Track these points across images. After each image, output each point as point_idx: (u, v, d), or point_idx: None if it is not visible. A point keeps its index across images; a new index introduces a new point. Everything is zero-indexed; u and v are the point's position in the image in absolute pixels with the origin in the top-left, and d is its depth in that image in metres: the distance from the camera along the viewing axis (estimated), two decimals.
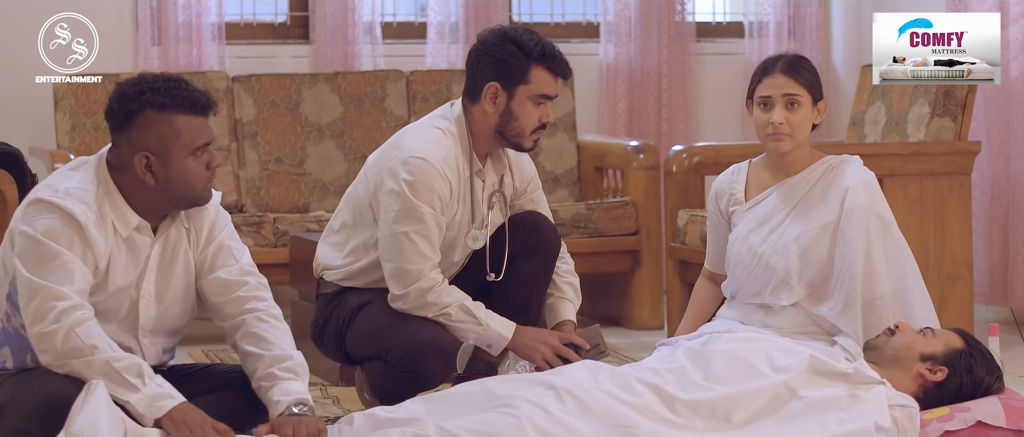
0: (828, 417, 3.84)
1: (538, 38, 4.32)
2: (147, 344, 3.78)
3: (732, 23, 7.60)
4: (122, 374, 3.56)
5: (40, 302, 3.57)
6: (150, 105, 3.67)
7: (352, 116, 6.76)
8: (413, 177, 4.23)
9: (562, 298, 4.51)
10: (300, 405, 3.68)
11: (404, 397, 4.04)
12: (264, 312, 3.82)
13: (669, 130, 7.32)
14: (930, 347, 4.08)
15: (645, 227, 6.48)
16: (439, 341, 4.26)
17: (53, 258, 3.59)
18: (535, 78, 4.29)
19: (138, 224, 3.72)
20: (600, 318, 6.67)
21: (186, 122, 3.68)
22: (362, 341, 4.36)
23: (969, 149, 5.83)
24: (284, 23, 7.13)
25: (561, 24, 7.42)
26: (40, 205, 3.64)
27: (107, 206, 3.69)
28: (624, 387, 3.89)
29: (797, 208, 4.36)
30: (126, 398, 3.54)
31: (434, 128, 4.34)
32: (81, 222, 3.62)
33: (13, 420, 3.61)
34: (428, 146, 4.27)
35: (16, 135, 6.13)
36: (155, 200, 3.73)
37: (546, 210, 4.57)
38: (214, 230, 3.85)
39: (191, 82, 3.75)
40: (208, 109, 3.71)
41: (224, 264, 3.84)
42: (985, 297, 6.42)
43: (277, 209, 6.59)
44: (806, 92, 4.34)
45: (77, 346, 3.56)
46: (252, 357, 3.77)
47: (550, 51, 4.30)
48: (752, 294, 4.39)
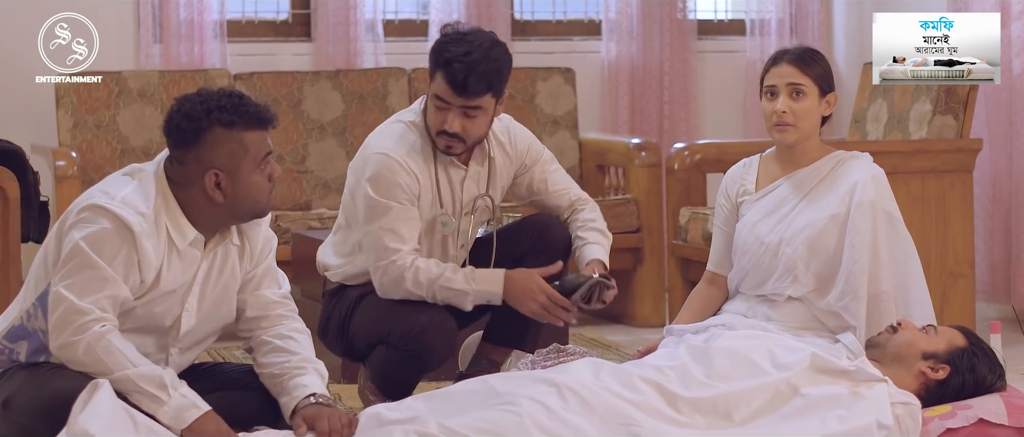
0: (830, 415, 3.84)
1: (456, 44, 4.28)
2: (175, 354, 3.79)
3: (734, 21, 7.60)
4: (145, 388, 3.57)
5: (62, 314, 3.57)
6: (219, 123, 3.65)
7: (354, 114, 6.76)
8: (374, 174, 4.31)
9: (586, 243, 4.50)
10: (322, 396, 3.71)
11: (407, 383, 4.06)
12: (297, 327, 3.87)
13: (671, 128, 7.32)
14: (932, 345, 4.08)
15: (647, 225, 6.48)
16: (439, 321, 4.30)
17: (89, 269, 3.57)
18: (436, 79, 4.33)
19: (194, 238, 3.72)
20: (602, 315, 6.68)
21: (253, 137, 3.68)
22: (364, 328, 4.38)
23: (971, 147, 5.83)
24: (286, 21, 7.13)
25: (563, 21, 7.42)
26: (95, 210, 3.62)
27: (164, 217, 3.68)
28: (626, 385, 3.89)
29: (806, 199, 4.37)
30: (152, 411, 3.56)
31: (398, 122, 4.43)
32: (135, 232, 3.61)
33: (18, 415, 3.61)
34: (389, 142, 4.35)
35: (18, 133, 6.14)
36: (220, 216, 3.73)
37: (560, 183, 4.57)
38: (266, 248, 3.88)
39: (249, 96, 3.74)
40: (271, 122, 3.71)
41: (269, 285, 3.87)
42: (987, 295, 6.42)
43: (279, 207, 6.59)
44: (812, 83, 4.35)
45: (98, 363, 3.56)
46: (278, 351, 3.79)
47: (449, 58, 4.27)
48: (757, 284, 4.39)
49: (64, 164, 5.97)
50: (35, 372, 3.65)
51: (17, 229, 5.32)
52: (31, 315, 3.69)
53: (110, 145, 6.51)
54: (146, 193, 3.68)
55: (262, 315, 3.85)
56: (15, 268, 5.25)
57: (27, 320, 3.69)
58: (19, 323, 3.71)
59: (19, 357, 3.70)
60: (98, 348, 3.56)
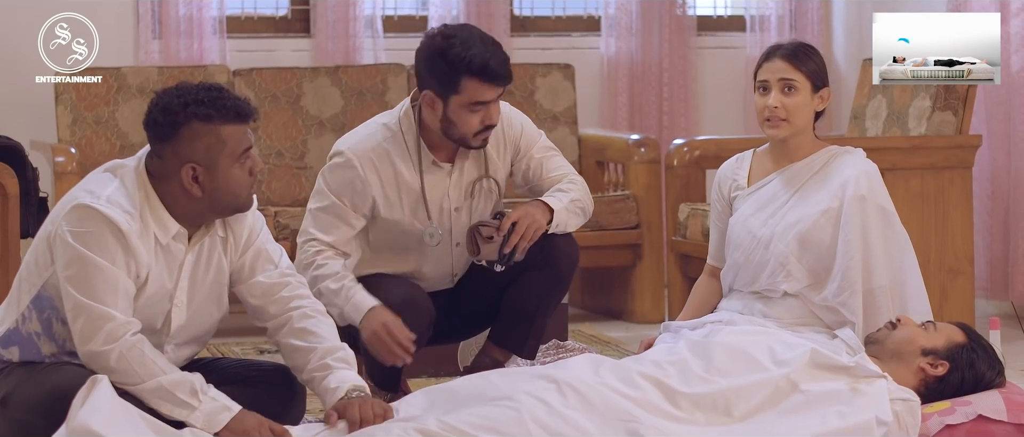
0: (829, 411, 3.84)
1: (468, 47, 4.24)
2: (170, 350, 3.78)
3: (733, 17, 7.60)
4: (177, 395, 3.58)
5: (87, 321, 3.57)
6: (196, 117, 3.64)
7: (353, 110, 6.76)
8: (329, 168, 4.37)
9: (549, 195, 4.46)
10: (357, 391, 3.71)
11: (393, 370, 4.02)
12: (309, 308, 3.84)
13: (670, 124, 7.32)
14: (931, 341, 4.08)
15: (646, 221, 6.48)
16: (411, 298, 4.32)
17: (98, 272, 3.57)
18: (467, 88, 4.26)
19: (177, 232, 3.72)
20: (601, 311, 6.69)
21: (231, 131, 3.68)
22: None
23: (970, 143, 5.83)
24: (285, 16, 7.12)
25: (562, 17, 7.42)
26: (83, 211, 3.61)
27: (148, 214, 3.68)
28: (625, 381, 3.89)
29: (798, 194, 4.37)
30: (185, 418, 3.57)
31: (373, 122, 4.44)
32: (124, 231, 3.60)
33: (17, 411, 3.61)
34: (352, 139, 4.40)
35: (17, 129, 6.14)
36: (200, 210, 3.72)
37: (556, 170, 4.52)
38: (251, 236, 3.86)
39: (229, 89, 3.74)
40: (250, 116, 3.71)
41: (263, 268, 3.85)
42: (986, 291, 6.42)
43: (278, 203, 6.59)
44: (805, 78, 4.35)
45: (129, 372, 3.57)
46: (302, 351, 3.79)
47: (479, 61, 4.23)
48: (750, 280, 4.39)
49: (63, 160, 5.97)
50: (33, 369, 3.65)
51: (17, 225, 5.32)
52: (26, 318, 3.68)
53: (109, 141, 6.51)
54: (129, 190, 3.67)
55: (265, 302, 3.84)
56: (15, 264, 5.25)
57: (22, 324, 3.69)
58: (13, 328, 3.70)
59: (12, 360, 3.70)
60: (131, 357, 3.57)
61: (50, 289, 3.65)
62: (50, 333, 3.67)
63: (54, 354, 3.68)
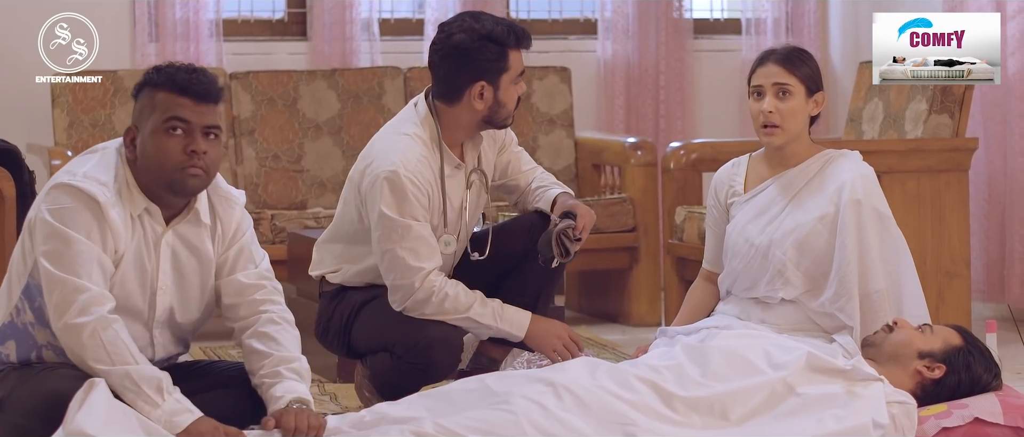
0: (826, 414, 3.84)
1: (504, 22, 4.35)
2: (158, 335, 3.78)
3: (730, 20, 7.60)
4: (143, 388, 3.57)
5: (62, 294, 3.56)
6: (148, 83, 3.70)
7: (350, 113, 6.76)
8: (390, 193, 4.24)
9: (545, 189, 4.51)
10: (299, 403, 3.69)
11: (407, 390, 4.06)
12: (277, 315, 3.83)
13: (667, 127, 7.32)
14: (928, 344, 4.08)
15: (643, 224, 6.48)
16: (447, 335, 4.29)
17: (73, 245, 3.57)
18: (513, 62, 4.34)
19: (146, 206, 3.72)
20: (598, 314, 6.69)
21: (165, 98, 3.67)
22: (368, 334, 4.37)
23: (966, 146, 5.84)
24: (282, 20, 7.13)
25: (558, 20, 7.43)
26: (59, 189, 3.63)
27: (125, 189, 3.70)
28: (622, 384, 3.89)
29: (795, 200, 4.37)
30: (146, 414, 3.56)
31: (402, 135, 4.34)
32: (100, 202, 3.61)
33: (13, 415, 3.61)
34: (397, 157, 4.26)
35: (14, 132, 6.13)
36: (144, 181, 3.71)
37: (528, 163, 4.59)
38: (239, 230, 3.86)
39: (204, 70, 3.74)
40: (190, 91, 3.67)
41: (244, 267, 3.84)
42: (982, 294, 6.42)
43: (275, 206, 6.59)
44: (799, 83, 4.34)
45: (100, 352, 3.56)
46: (258, 354, 3.77)
47: (518, 31, 4.34)
48: (748, 287, 4.39)
49: (60, 163, 5.96)
50: (29, 373, 3.65)
51: (13, 227, 5.32)
52: (20, 310, 3.68)
53: None
54: (107, 165, 3.70)
55: (238, 302, 3.83)
56: None
57: (16, 316, 3.69)
58: (8, 322, 3.70)
59: (9, 357, 3.70)
60: (103, 335, 3.56)
61: (37, 276, 3.65)
62: (44, 321, 3.66)
63: (49, 342, 3.67)
